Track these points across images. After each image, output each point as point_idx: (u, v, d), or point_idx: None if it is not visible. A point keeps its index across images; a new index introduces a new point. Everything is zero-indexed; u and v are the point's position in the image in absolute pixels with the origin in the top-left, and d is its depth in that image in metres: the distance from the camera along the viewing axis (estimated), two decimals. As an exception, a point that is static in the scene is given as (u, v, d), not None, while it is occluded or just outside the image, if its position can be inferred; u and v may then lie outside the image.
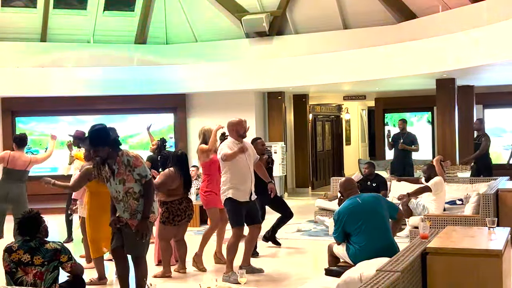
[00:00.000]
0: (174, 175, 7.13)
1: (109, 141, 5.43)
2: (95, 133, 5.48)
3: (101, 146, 5.39)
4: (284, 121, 15.22)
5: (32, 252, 4.61)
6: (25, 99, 14.07)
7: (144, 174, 5.44)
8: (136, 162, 5.43)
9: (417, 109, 16.94)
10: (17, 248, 4.62)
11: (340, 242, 5.75)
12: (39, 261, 4.61)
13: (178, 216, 7.11)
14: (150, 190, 5.49)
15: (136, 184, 5.43)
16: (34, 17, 14.30)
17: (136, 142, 13.83)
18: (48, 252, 4.65)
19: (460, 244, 4.66)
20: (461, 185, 9.73)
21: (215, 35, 15.13)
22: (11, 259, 4.58)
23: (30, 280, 4.60)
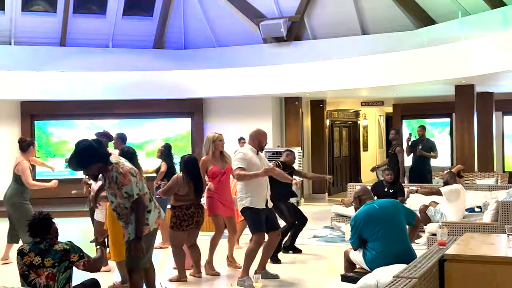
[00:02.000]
0: (182, 180, 7.09)
1: (98, 156, 5.13)
2: (82, 152, 5.09)
3: (93, 164, 5.11)
4: (301, 126, 15.19)
5: (42, 254, 4.62)
6: (44, 103, 14.18)
7: (131, 193, 5.16)
8: (123, 180, 5.13)
9: (436, 115, 16.81)
10: (28, 250, 4.64)
11: (356, 248, 5.71)
12: (50, 262, 4.61)
13: (185, 221, 7.02)
14: (139, 209, 5.18)
15: (126, 200, 5.21)
16: (53, 21, 14.43)
17: (152, 148, 13.87)
18: (57, 253, 4.65)
19: (479, 251, 4.61)
20: (480, 192, 9.63)
21: (233, 40, 15.16)
22: (24, 262, 4.60)
23: (43, 282, 4.60)
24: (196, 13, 15.13)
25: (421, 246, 8.03)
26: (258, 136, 6.99)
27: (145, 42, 15.29)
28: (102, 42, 15.01)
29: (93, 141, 5.22)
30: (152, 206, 5.38)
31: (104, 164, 5.16)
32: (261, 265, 7.12)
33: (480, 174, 12.37)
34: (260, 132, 7.05)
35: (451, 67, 11.48)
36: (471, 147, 12.87)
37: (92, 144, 5.15)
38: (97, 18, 14.81)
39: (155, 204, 5.45)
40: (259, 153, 7.03)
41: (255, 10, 14.69)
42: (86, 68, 14.37)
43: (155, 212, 5.40)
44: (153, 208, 5.39)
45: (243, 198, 6.84)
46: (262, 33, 14.55)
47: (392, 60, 12.41)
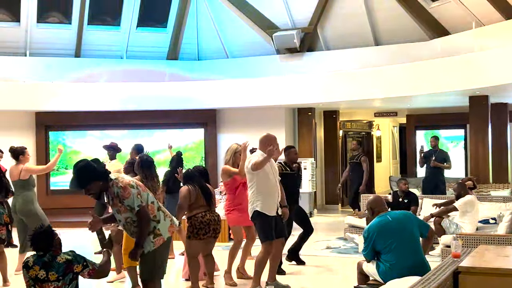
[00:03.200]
0: (188, 189, 7.09)
1: (97, 174, 5.14)
2: (80, 172, 5.13)
3: (92, 183, 5.12)
4: (314, 137, 15.18)
5: (46, 268, 4.57)
6: (59, 113, 14.28)
7: (133, 206, 5.16)
8: (124, 194, 5.14)
9: (450, 126, 16.74)
10: (32, 263, 4.59)
11: (369, 259, 5.69)
12: (54, 276, 4.56)
13: (202, 229, 6.98)
14: (142, 221, 5.17)
15: (132, 213, 5.21)
16: (68, 33, 14.55)
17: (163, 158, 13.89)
18: (60, 266, 4.59)
19: (493, 263, 4.57)
20: (494, 204, 9.56)
21: (246, 51, 15.21)
22: (30, 276, 4.56)
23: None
24: (210, 25, 15.21)
25: (435, 258, 7.98)
26: (268, 141, 6.98)
27: (159, 53, 15.38)
28: (116, 54, 15.12)
29: (90, 160, 5.25)
30: (161, 215, 5.34)
31: (104, 182, 5.17)
32: (271, 277, 7.11)
33: (494, 186, 12.28)
34: (270, 137, 7.04)
35: (465, 78, 11.44)
36: (485, 158, 12.78)
37: (89, 163, 5.18)
38: (112, 29, 14.92)
39: (164, 213, 5.41)
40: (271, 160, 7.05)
41: (268, 21, 14.74)
42: (100, 79, 14.47)
43: (166, 221, 5.36)
44: (163, 217, 5.36)
45: (254, 202, 6.84)
46: (275, 44, 14.59)
47: (405, 71, 12.39)
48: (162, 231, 5.30)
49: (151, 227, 5.24)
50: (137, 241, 5.20)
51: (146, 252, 5.25)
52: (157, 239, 5.25)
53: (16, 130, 14.14)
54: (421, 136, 17.10)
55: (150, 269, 5.31)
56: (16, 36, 14.24)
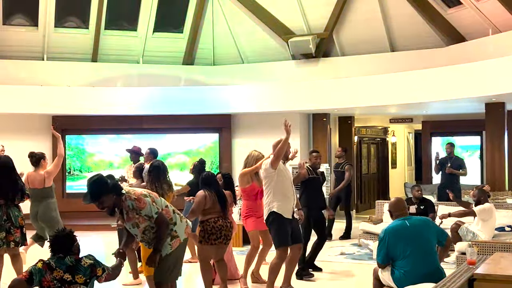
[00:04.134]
0: (205, 195, 7.08)
1: (110, 188, 5.21)
2: (94, 184, 5.22)
3: (104, 196, 5.18)
4: (329, 143, 15.16)
5: (72, 271, 4.57)
6: (75, 117, 14.38)
7: (151, 215, 5.24)
8: (139, 204, 5.22)
9: (466, 133, 16.65)
10: (55, 266, 4.57)
11: (382, 264, 5.65)
12: (82, 280, 4.58)
13: (214, 234, 6.96)
14: (162, 226, 5.26)
15: (150, 221, 5.27)
16: (86, 37, 14.67)
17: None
18: (86, 270, 4.62)
19: (509, 271, 4.55)
20: (510, 211, 9.50)
21: (262, 56, 15.25)
22: (54, 276, 4.54)
23: None
24: (225, 30, 15.26)
25: (450, 265, 7.94)
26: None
27: (175, 58, 15.45)
28: (132, 58, 15.21)
29: (104, 176, 5.33)
30: (177, 217, 5.42)
31: (117, 196, 5.23)
32: (286, 281, 7.12)
33: (510, 193, 12.19)
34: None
35: (481, 84, 11.38)
36: (501, 165, 12.70)
37: (102, 177, 5.28)
38: (128, 34, 15.02)
39: (180, 215, 5.49)
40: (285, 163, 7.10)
41: (284, 27, 14.76)
42: (116, 83, 14.56)
43: (182, 223, 5.46)
44: (179, 218, 5.44)
45: (270, 203, 6.86)
46: (291, 50, 14.61)
47: (421, 77, 12.35)
48: (179, 233, 5.37)
49: (168, 230, 5.30)
50: (156, 246, 5.25)
51: (164, 255, 5.30)
52: (174, 241, 5.33)
53: (32, 133, 14.26)
54: (437, 143, 17.02)
55: (165, 271, 5.36)
56: (34, 41, 14.38)
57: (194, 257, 8.96)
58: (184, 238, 5.43)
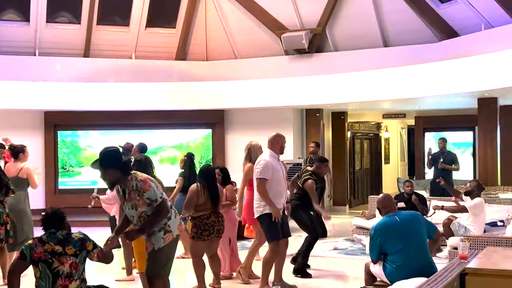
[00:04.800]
0: (199, 189, 7.10)
1: (120, 164, 5.24)
2: (107, 154, 5.28)
3: (112, 168, 5.21)
4: (322, 138, 15.15)
5: (62, 243, 4.69)
6: (67, 113, 14.32)
7: (154, 198, 5.23)
8: (144, 186, 5.22)
9: (458, 128, 16.69)
10: (47, 240, 4.69)
11: (375, 260, 5.67)
12: (72, 251, 4.69)
13: (206, 230, 6.99)
14: (161, 211, 5.24)
15: (149, 208, 5.25)
16: (78, 32, 14.61)
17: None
18: (77, 242, 4.74)
19: (501, 265, 4.56)
20: (502, 206, 9.51)
21: (255, 52, 15.22)
22: (45, 249, 4.65)
23: (66, 270, 4.67)
24: (218, 25, 15.22)
25: (442, 260, 7.95)
26: (278, 139, 7.04)
27: (168, 53, 15.41)
28: (125, 53, 15.15)
29: (120, 151, 5.40)
30: (172, 212, 5.43)
31: (122, 175, 5.23)
32: (277, 277, 7.12)
33: (502, 188, 12.22)
34: (279, 135, 7.09)
35: (474, 80, 11.40)
36: (494, 160, 12.74)
37: (117, 150, 5.35)
38: (121, 29, 14.96)
39: (175, 211, 5.50)
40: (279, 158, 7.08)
41: (277, 22, 14.73)
42: (109, 79, 14.50)
43: (176, 218, 5.47)
44: (174, 214, 5.45)
45: (262, 205, 6.82)
46: (284, 45, 14.59)
47: (414, 73, 12.36)
48: (172, 228, 5.37)
49: (162, 224, 5.29)
50: (143, 226, 5.25)
51: (157, 248, 5.30)
52: (167, 235, 5.32)
53: (25, 129, 14.18)
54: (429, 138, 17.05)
55: (157, 265, 5.36)
56: (25, 36, 14.31)
57: (187, 253, 8.95)
58: (177, 234, 5.43)
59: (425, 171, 16.10)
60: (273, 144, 7.00)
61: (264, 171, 6.79)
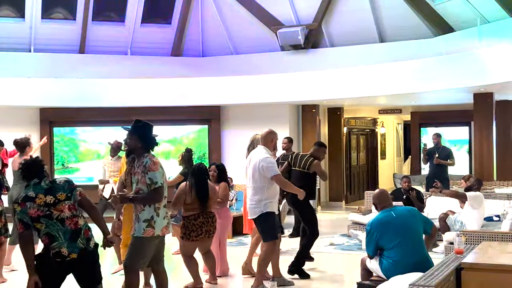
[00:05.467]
0: (185, 189, 7.09)
1: (146, 137, 5.48)
2: (140, 123, 5.58)
3: (137, 136, 5.45)
4: (318, 134, 15.16)
5: (51, 192, 4.77)
6: (63, 109, 14.27)
7: (155, 181, 5.34)
8: (152, 166, 5.36)
9: (454, 123, 16.72)
10: (35, 194, 4.74)
11: (371, 255, 5.68)
12: (63, 196, 4.78)
13: (194, 231, 6.99)
14: (155, 194, 5.36)
15: (147, 189, 5.36)
16: (73, 29, 14.56)
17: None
18: (63, 185, 4.83)
19: (497, 260, 4.57)
20: (498, 201, 9.54)
21: (251, 47, 15.20)
22: (38, 204, 4.70)
23: (68, 213, 4.77)
24: (214, 21, 15.20)
25: (438, 255, 7.98)
26: (272, 136, 7.02)
27: (163, 49, 15.38)
28: (120, 50, 15.11)
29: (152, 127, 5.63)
30: (163, 212, 5.45)
31: (142, 147, 5.44)
32: (275, 272, 7.13)
33: (498, 183, 12.25)
34: (272, 131, 7.06)
35: (469, 75, 11.41)
36: (490, 155, 12.77)
37: (151, 126, 5.61)
38: (116, 25, 14.91)
39: (167, 214, 5.52)
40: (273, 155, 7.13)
41: (272, 18, 14.71)
42: (104, 75, 14.47)
43: (165, 220, 5.49)
44: (163, 214, 5.47)
45: (262, 205, 6.74)
46: (280, 41, 14.57)
47: (410, 68, 12.37)
48: (156, 226, 5.39)
49: (149, 216, 5.34)
50: (134, 197, 5.39)
51: (135, 235, 5.41)
52: (148, 229, 5.36)
53: (20, 125, 14.12)
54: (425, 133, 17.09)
55: (133, 255, 5.42)
56: (20, 32, 14.25)
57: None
58: (157, 234, 5.40)
59: (421, 166, 16.13)
60: (267, 141, 6.96)
61: (276, 167, 6.83)
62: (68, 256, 4.71)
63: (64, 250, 4.70)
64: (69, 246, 4.71)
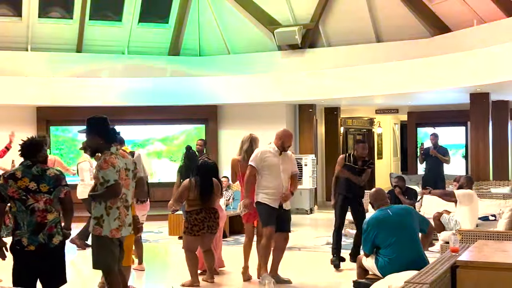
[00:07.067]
0: (190, 184, 7.14)
1: (102, 132, 5.35)
2: (93, 119, 5.47)
3: (93, 134, 5.37)
4: (315, 133, 15.18)
5: (37, 180, 4.80)
6: (60, 108, 14.27)
7: (107, 179, 5.15)
8: (103, 164, 5.19)
9: (451, 123, 16.74)
10: (21, 176, 4.79)
11: (368, 253, 5.70)
12: (46, 188, 4.81)
13: (196, 226, 7.06)
14: (108, 192, 5.16)
15: (101, 187, 5.21)
16: (70, 28, 14.56)
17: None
18: (51, 179, 4.85)
19: (492, 258, 4.58)
20: (494, 201, 9.56)
21: (248, 47, 15.22)
22: (19, 186, 4.76)
23: (41, 206, 4.80)
24: (211, 21, 15.21)
25: (434, 254, 7.99)
26: (282, 137, 7.12)
27: (161, 49, 15.39)
28: (117, 49, 15.12)
29: (107, 120, 5.49)
30: (115, 213, 5.24)
31: (104, 143, 5.31)
32: (273, 269, 7.14)
33: (495, 183, 12.29)
34: (285, 133, 7.18)
35: (466, 75, 11.44)
36: (486, 155, 12.79)
37: (104, 118, 5.47)
38: (113, 24, 14.92)
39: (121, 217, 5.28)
40: (283, 153, 7.09)
41: (270, 17, 14.73)
42: (101, 74, 14.47)
43: (115, 222, 5.25)
44: (116, 216, 5.25)
45: (257, 193, 6.99)
46: (277, 41, 14.59)
47: (407, 68, 12.39)
48: (104, 226, 5.23)
49: (99, 214, 5.23)
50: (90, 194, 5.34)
51: (89, 231, 5.48)
52: (96, 227, 5.25)
53: (17, 124, 14.07)
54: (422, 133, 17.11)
55: (94, 251, 5.38)
56: (18, 31, 14.25)
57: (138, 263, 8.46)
58: (106, 235, 5.22)
59: (417, 166, 16.15)
60: (276, 139, 7.13)
61: (254, 160, 6.99)
62: (27, 247, 4.75)
63: (24, 240, 4.75)
64: (29, 238, 4.75)
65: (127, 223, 5.36)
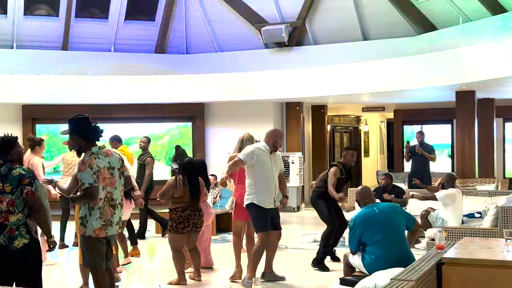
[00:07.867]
0: (176, 183, 7.12)
1: (84, 131, 5.36)
2: (74, 120, 5.46)
3: (76, 134, 5.37)
4: (302, 131, 15.20)
5: (3, 180, 4.71)
6: (46, 106, 14.20)
7: (83, 182, 5.17)
8: (80, 166, 5.21)
9: (437, 121, 16.84)
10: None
11: (354, 251, 5.72)
12: (9, 188, 4.71)
13: (181, 223, 7.04)
14: (84, 194, 5.19)
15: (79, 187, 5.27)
16: (56, 25, 14.46)
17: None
18: (14, 179, 4.72)
19: (477, 255, 4.61)
20: (480, 198, 9.64)
21: (235, 45, 15.19)
22: None
23: (3, 207, 4.70)
24: (198, 18, 15.17)
25: (420, 251, 8.03)
26: (274, 136, 7.09)
27: (147, 46, 15.33)
28: (104, 46, 15.04)
29: (89, 119, 5.48)
30: (97, 213, 5.24)
31: (86, 143, 5.33)
32: (268, 267, 7.15)
33: (480, 180, 12.38)
34: (277, 133, 7.17)
35: (452, 73, 11.50)
36: (471, 152, 12.87)
37: (86, 118, 5.48)
38: (99, 22, 14.83)
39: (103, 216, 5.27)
40: (273, 153, 7.07)
41: (256, 15, 14.72)
42: (87, 72, 14.39)
43: (98, 221, 5.25)
44: (98, 216, 5.25)
45: (250, 194, 6.91)
46: (264, 38, 14.59)
47: (393, 66, 12.44)
48: (88, 226, 5.26)
49: (83, 214, 5.26)
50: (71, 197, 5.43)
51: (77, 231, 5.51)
52: (81, 227, 5.29)
53: (2, 122, 14.01)
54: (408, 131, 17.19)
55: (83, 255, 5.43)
56: (3, 29, 14.12)
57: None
58: (90, 235, 5.25)
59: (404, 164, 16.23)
60: (268, 138, 7.07)
61: (245, 154, 6.92)
62: None
63: None
64: None
65: (114, 222, 5.35)
